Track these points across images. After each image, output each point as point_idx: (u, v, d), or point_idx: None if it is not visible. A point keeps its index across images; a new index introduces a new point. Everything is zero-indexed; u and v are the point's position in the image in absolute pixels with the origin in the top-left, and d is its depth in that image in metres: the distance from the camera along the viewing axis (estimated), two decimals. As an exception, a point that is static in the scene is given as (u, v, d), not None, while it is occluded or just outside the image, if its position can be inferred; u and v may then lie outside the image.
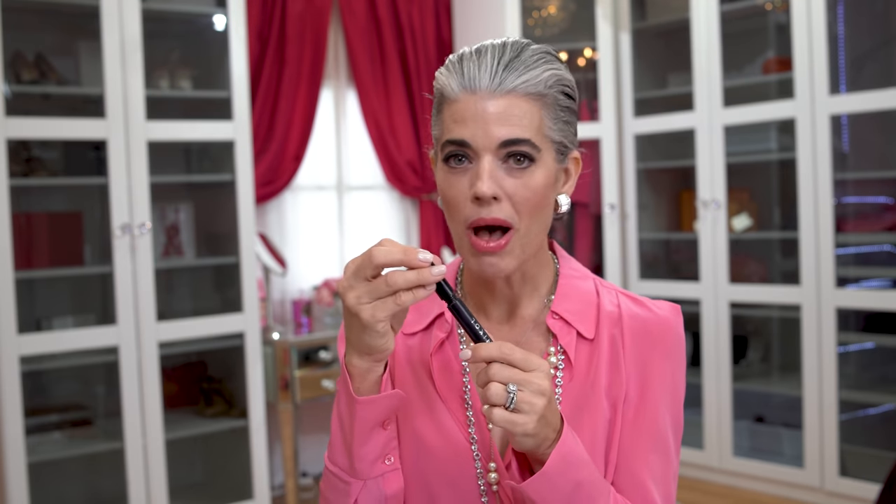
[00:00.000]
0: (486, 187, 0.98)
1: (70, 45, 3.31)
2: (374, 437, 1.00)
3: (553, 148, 1.04)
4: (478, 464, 1.06)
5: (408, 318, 1.15)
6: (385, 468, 1.02)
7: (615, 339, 1.09)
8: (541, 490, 0.93)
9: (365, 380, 0.98)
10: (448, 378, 1.10)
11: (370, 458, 1.01)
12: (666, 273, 4.34)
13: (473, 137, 1.00)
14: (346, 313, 0.94)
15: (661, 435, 1.07)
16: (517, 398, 0.90)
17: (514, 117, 0.99)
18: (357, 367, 0.97)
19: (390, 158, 4.27)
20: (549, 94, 1.02)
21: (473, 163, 1.01)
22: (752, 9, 3.86)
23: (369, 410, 0.98)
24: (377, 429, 1.00)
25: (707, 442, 3.91)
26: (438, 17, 4.49)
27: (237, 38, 3.35)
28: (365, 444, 1.00)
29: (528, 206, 1.01)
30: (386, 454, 1.02)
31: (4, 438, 2.87)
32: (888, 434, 3.64)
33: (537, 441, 0.92)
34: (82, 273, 3.24)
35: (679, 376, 1.11)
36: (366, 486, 1.02)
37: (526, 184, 1.01)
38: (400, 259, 0.91)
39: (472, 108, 1.00)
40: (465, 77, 1.01)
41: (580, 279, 1.14)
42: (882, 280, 3.58)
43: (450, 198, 1.03)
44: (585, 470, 0.95)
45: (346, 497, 1.02)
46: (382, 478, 1.02)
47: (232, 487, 3.48)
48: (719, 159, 3.81)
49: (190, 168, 3.65)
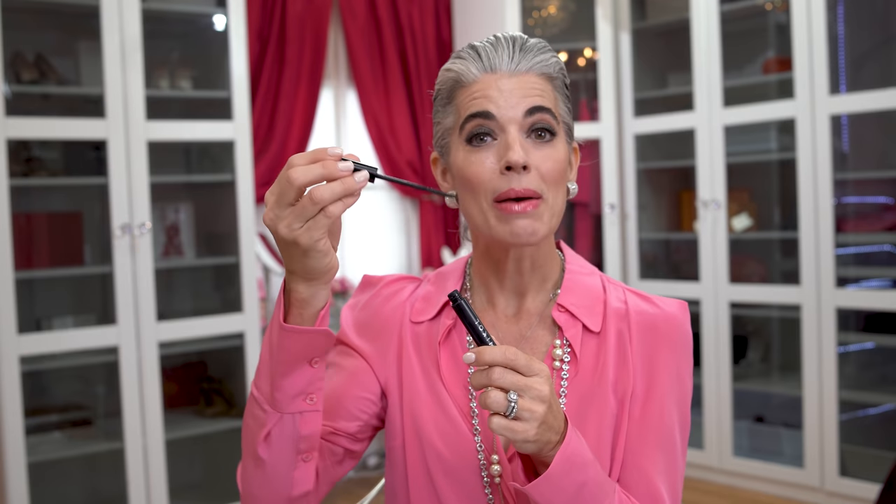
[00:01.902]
0: (517, 155, 1.00)
1: (70, 45, 3.31)
2: (299, 372, 0.97)
3: (564, 129, 1.09)
4: (481, 455, 1.06)
5: (416, 307, 1.16)
6: (305, 406, 0.98)
7: (622, 335, 1.10)
8: (545, 492, 0.92)
9: (304, 309, 0.95)
10: (454, 368, 1.11)
11: (291, 392, 0.97)
12: (666, 273, 4.34)
13: (498, 109, 1.03)
14: (281, 244, 0.90)
15: (668, 431, 1.07)
16: (518, 406, 0.88)
17: (534, 90, 1.04)
18: (301, 294, 0.94)
19: (390, 158, 4.26)
20: (558, 79, 1.09)
21: (498, 138, 1.03)
22: (752, 9, 3.86)
23: (295, 341, 0.95)
24: (303, 364, 0.96)
25: (707, 442, 3.91)
26: (438, 17, 4.49)
27: (237, 38, 3.35)
28: (287, 375, 0.96)
29: (553, 176, 1.04)
30: (309, 393, 0.98)
31: (4, 438, 2.87)
32: (888, 434, 3.64)
33: (539, 445, 0.91)
34: (82, 273, 3.24)
35: (686, 373, 1.11)
36: (282, 419, 0.98)
37: (550, 155, 1.04)
38: (321, 174, 0.87)
39: (495, 84, 1.04)
40: (485, 61, 1.05)
41: (586, 275, 1.15)
42: (882, 280, 3.58)
43: (472, 174, 1.03)
44: (590, 470, 0.95)
45: (261, 426, 0.99)
46: (301, 415, 0.98)
47: (232, 487, 3.48)
48: (719, 159, 3.81)
49: (190, 168, 3.65)
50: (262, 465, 1.00)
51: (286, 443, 0.99)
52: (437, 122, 1.11)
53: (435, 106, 1.11)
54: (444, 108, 1.09)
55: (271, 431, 0.99)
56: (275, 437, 0.99)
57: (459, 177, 1.06)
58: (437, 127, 1.11)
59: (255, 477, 1.02)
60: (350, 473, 4.13)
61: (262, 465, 1.00)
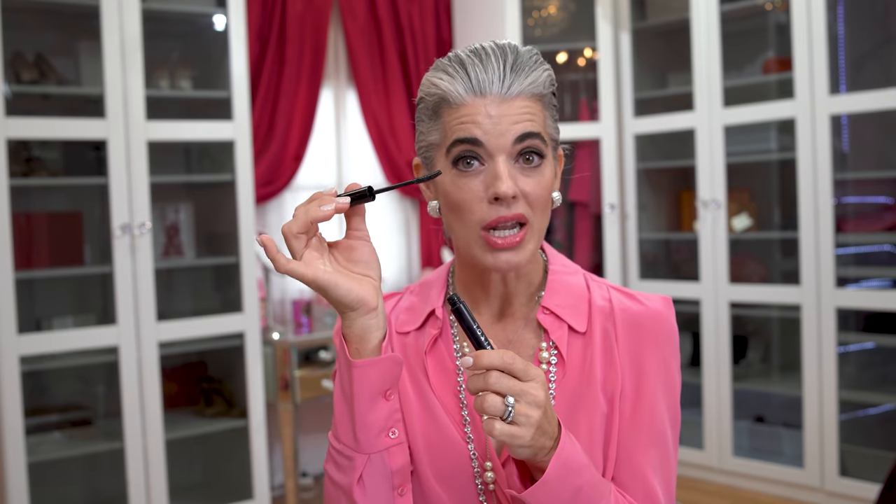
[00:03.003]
0: (506, 187, 0.99)
1: (70, 45, 3.31)
2: (377, 408, 0.98)
3: (552, 146, 1.07)
4: (475, 463, 1.06)
5: (401, 318, 1.16)
6: (389, 442, 1.00)
7: (608, 333, 1.10)
8: (542, 498, 0.93)
9: (361, 344, 0.96)
10: (443, 377, 1.11)
11: (374, 430, 0.98)
12: (666, 273, 4.34)
13: (486, 137, 1.00)
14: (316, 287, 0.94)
15: (659, 427, 1.07)
16: (514, 410, 0.89)
17: (525, 115, 1.02)
18: (349, 328, 0.96)
19: (390, 158, 4.26)
20: (547, 94, 1.06)
21: (486, 164, 1.02)
22: (752, 9, 3.86)
23: (368, 374, 0.96)
24: (379, 399, 0.98)
25: (707, 442, 3.91)
26: (438, 17, 4.49)
27: (237, 38, 3.35)
28: (367, 414, 0.97)
29: (540, 202, 1.03)
30: (389, 427, 0.99)
31: (4, 438, 2.87)
32: (888, 434, 3.64)
33: (534, 451, 0.91)
34: (82, 273, 3.24)
35: (673, 367, 1.11)
36: (370, 460, 0.99)
37: (538, 182, 1.03)
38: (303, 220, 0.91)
39: (484, 110, 1.01)
40: (473, 81, 1.01)
41: (570, 274, 1.15)
42: (882, 280, 3.58)
43: (460, 200, 1.02)
44: (585, 474, 0.95)
45: (351, 473, 0.99)
46: (387, 452, 1.00)
47: (232, 487, 3.48)
48: (719, 159, 3.81)
49: (190, 168, 3.65)
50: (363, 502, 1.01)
51: (379, 481, 1.00)
52: (420, 130, 1.09)
53: (418, 113, 1.09)
54: (428, 121, 1.07)
55: (363, 475, 0.99)
56: (367, 480, 1.00)
57: (445, 198, 1.05)
58: (420, 136, 1.09)
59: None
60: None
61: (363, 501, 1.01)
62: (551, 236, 4.44)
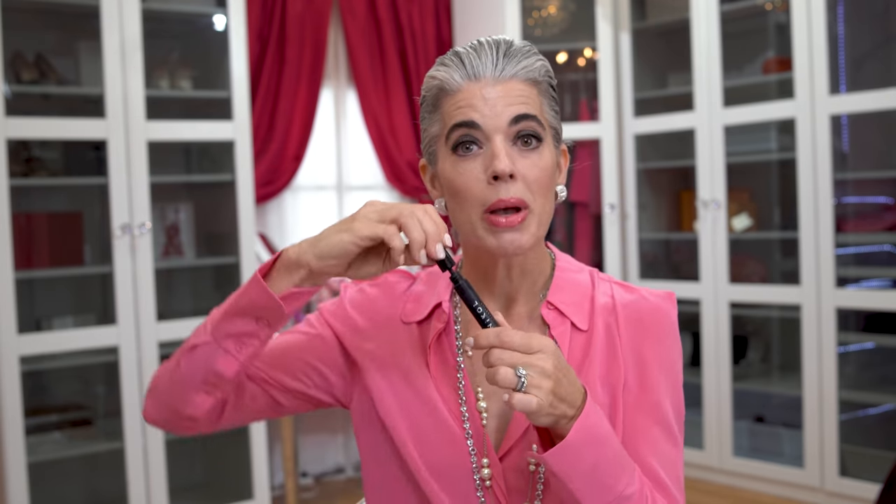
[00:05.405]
0: (504, 164, 1.01)
1: (70, 45, 3.31)
2: (244, 320, 1.03)
3: (551, 133, 1.08)
4: (473, 459, 1.06)
5: (408, 307, 1.16)
6: (230, 348, 1.04)
7: (611, 329, 1.11)
8: (563, 462, 0.93)
9: (287, 279, 1.01)
10: (444, 372, 1.11)
11: (229, 330, 1.04)
12: (666, 273, 4.34)
13: (483, 119, 1.02)
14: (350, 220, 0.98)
15: (664, 419, 1.08)
16: (526, 381, 0.90)
17: (519, 98, 1.04)
18: (299, 262, 1.00)
19: (390, 158, 4.26)
20: (543, 82, 1.08)
21: (484, 147, 1.03)
22: (752, 9, 3.86)
23: (256, 292, 1.01)
24: (249, 317, 1.03)
25: (707, 442, 3.91)
26: (438, 17, 4.49)
27: (237, 38, 3.35)
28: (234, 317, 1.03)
29: (539, 185, 1.04)
30: (241, 341, 1.04)
31: (4, 438, 2.87)
32: (888, 434, 3.64)
33: (554, 418, 0.92)
34: (82, 273, 3.24)
35: (676, 361, 1.12)
36: (208, 345, 1.05)
37: (536, 163, 1.04)
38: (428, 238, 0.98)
39: (479, 93, 1.03)
40: (468, 68, 1.04)
41: (576, 272, 1.16)
42: (882, 280, 3.58)
43: (460, 184, 1.04)
44: (609, 445, 0.96)
45: (195, 338, 1.07)
46: (223, 353, 1.04)
47: (232, 487, 3.48)
48: (719, 159, 3.81)
49: (190, 168, 3.65)
50: (177, 370, 1.08)
51: (200, 366, 1.06)
52: (423, 128, 1.11)
53: (421, 112, 1.11)
54: (430, 116, 1.09)
55: (197, 347, 1.06)
56: (196, 356, 1.06)
57: (448, 186, 1.07)
58: (424, 134, 1.11)
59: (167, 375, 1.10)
60: (350, 473, 4.14)
61: (177, 369, 1.08)
62: (551, 236, 4.44)
